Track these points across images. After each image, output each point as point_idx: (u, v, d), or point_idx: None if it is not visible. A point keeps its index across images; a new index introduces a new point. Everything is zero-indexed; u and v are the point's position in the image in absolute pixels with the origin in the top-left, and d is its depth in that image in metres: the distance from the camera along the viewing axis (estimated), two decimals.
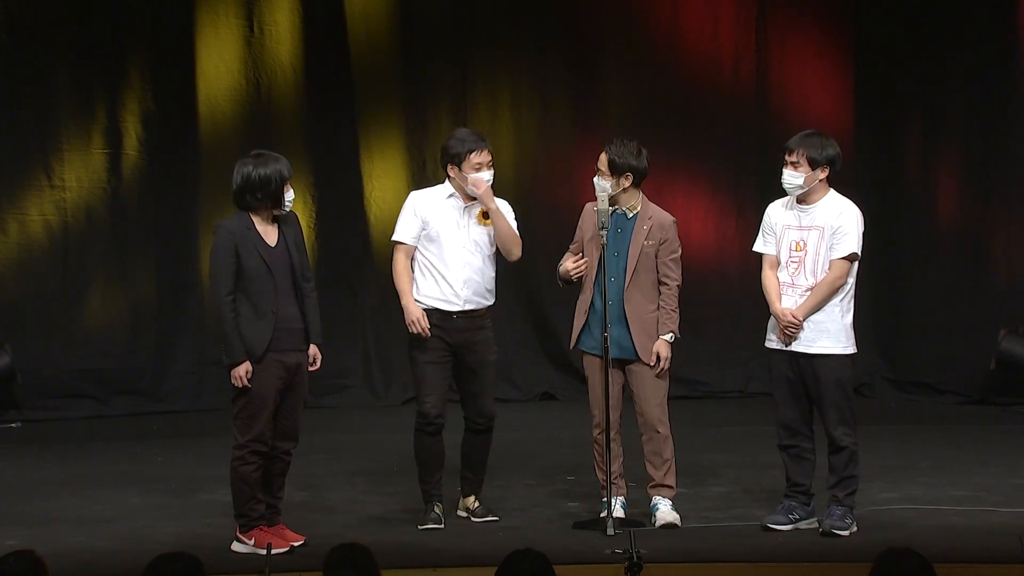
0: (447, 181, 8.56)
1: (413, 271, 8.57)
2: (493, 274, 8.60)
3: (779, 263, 8.34)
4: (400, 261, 8.56)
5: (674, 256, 8.53)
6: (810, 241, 8.24)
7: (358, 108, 13.06)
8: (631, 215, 8.51)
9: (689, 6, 13.31)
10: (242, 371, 7.85)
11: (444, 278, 8.47)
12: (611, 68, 13.30)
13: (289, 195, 7.99)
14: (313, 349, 8.06)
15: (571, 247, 8.66)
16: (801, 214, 8.28)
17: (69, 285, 12.59)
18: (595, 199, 8.46)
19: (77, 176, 12.53)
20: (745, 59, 13.31)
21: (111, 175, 12.61)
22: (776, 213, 8.39)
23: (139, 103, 12.62)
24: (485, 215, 8.51)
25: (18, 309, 12.49)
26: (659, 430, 8.49)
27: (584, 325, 8.51)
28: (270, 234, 7.98)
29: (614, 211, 8.49)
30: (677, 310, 8.51)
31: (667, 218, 8.58)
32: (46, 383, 12.39)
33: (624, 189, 8.47)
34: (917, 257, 13.12)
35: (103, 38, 12.58)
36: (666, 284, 8.50)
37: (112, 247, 12.67)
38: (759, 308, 8.56)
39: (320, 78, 12.98)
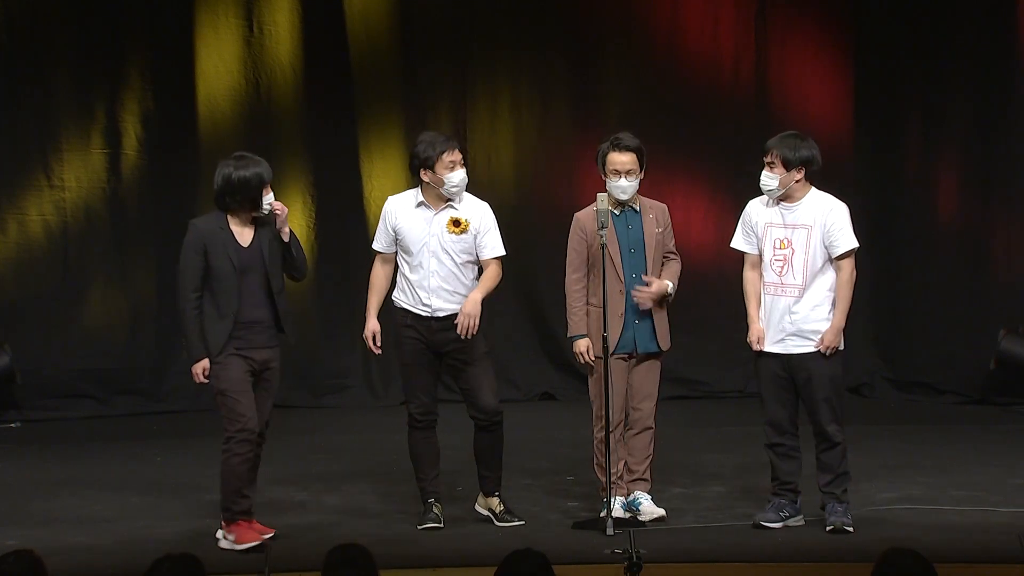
0: (418, 188, 8.54)
1: (395, 274, 8.63)
2: (468, 280, 8.52)
3: (761, 262, 8.33)
4: (375, 270, 8.68)
5: (673, 239, 8.72)
6: (796, 240, 8.23)
7: (358, 108, 13.05)
8: (637, 208, 8.56)
9: (689, 6, 13.31)
10: (199, 368, 8.02)
11: (413, 286, 8.50)
12: (611, 68, 13.30)
13: (267, 198, 8.04)
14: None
15: (574, 274, 8.58)
16: (785, 212, 8.27)
17: (69, 285, 12.59)
18: (589, 204, 8.51)
19: (77, 176, 12.54)
20: (745, 59, 13.30)
21: (111, 175, 12.61)
22: (757, 211, 8.37)
23: (139, 103, 12.62)
24: (455, 223, 8.49)
25: (18, 309, 12.49)
26: (651, 426, 8.61)
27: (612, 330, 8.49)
28: (245, 235, 8.08)
29: (624, 209, 8.51)
30: (679, 277, 8.65)
31: (661, 205, 8.72)
32: (46, 383, 12.39)
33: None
34: (917, 257, 13.11)
35: (103, 38, 12.58)
36: (672, 259, 8.68)
37: (112, 247, 12.67)
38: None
39: (320, 78, 12.98)
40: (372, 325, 8.61)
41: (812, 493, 8.44)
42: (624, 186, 8.48)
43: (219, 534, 8.09)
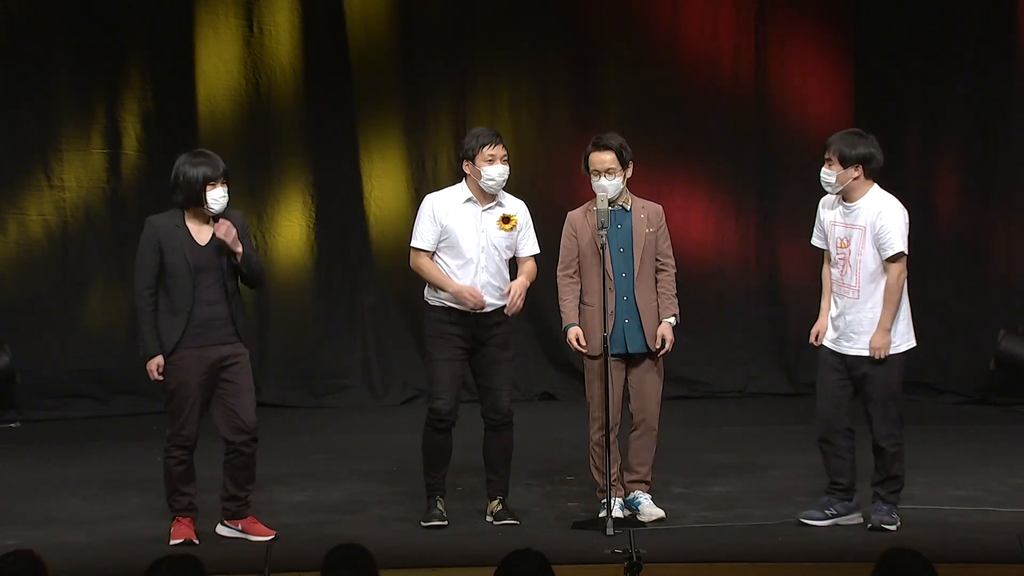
0: (463, 182, 8.55)
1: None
2: (507, 275, 8.58)
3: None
4: (424, 262, 8.48)
5: (668, 242, 8.65)
6: (853, 239, 8.25)
7: (358, 108, 13.05)
8: (628, 207, 8.54)
9: (689, 6, 13.31)
10: (153, 365, 8.05)
11: (460, 284, 8.43)
12: (611, 68, 13.30)
13: (213, 195, 8.01)
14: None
15: (565, 270, 8.61)
16: (845, 212, 8.29)
17: (69, 285, 12.59)
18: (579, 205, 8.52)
19: (76, 176, 12.53)
20: (744, 59, 13.30)
21: (110, 175, 12.61)
22: (825, 210, 8.41)
23: (139, 103, 12.62)
24: (505, 219, 8.51)
25: (18, 309, 12.48)
26: (654, 427, 8.59)
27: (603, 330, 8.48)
28: (202, 233, 8.08)
29: (614, 208, 8.51)
30: (676, 295, 8.59)
31: (656, 206, 8.68)
32: (46, 383, 12.39)
33: (626, 180, 8.52)
34: (917, 257, 13.04)
35: (103, 38, 12.58)
36: (665, 270, 8.60)
37: (112, 247, 12.67)
38: (759, 308, 8.58)
39: (320, 78, 12.98)
40: (462, 285, 8.40)
41: (809, 494, 8.44)
42: (604, 185, 8.47)
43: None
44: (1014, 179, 12.76)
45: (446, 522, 8.45)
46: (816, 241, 8.49)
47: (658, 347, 8.52)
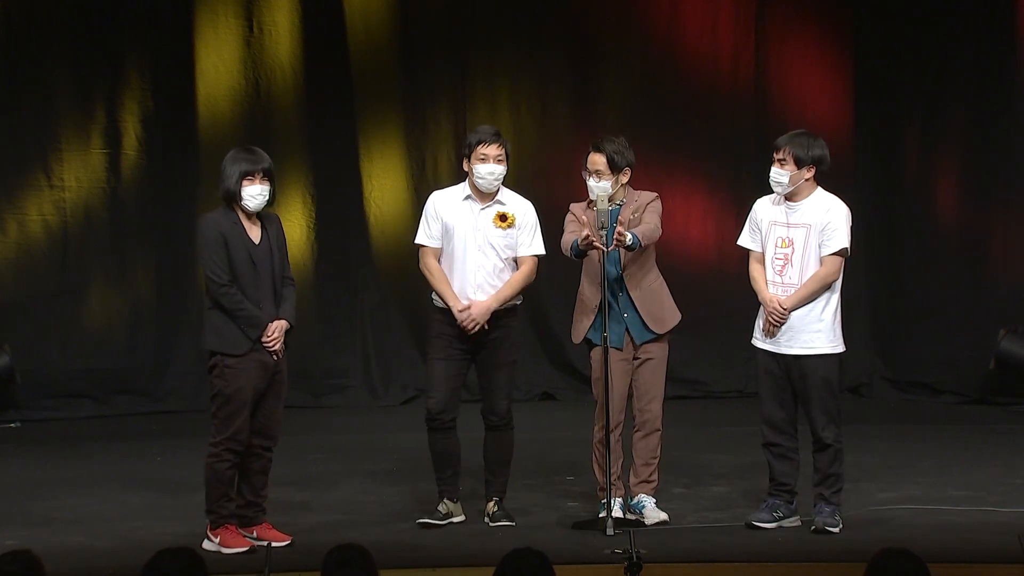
0: (466, 180, 8.56)
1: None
2: (510, 276, 8.49)
3: (764, 259, 8.35)
4: (431, 263, 8.47)
5: (655, 216, 8.45)
6: (797, 239, 8.26)
7: (358, 108, 13.06)
8: (620, 202, 8.50)
9: (688, 5, 13.31)
10: (272, 328, 7.83)
11: (456, 281, 8.42)
12: (610, 68, 13.31)
13: (250, 191, 7.85)
14: (277, 323, 7.93)
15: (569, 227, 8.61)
16: (788, 211, 8.29)
17: (68, 285, 12.59)
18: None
19: (76, 176, 12.54)
20: (744, 58, 13.31)
21: (110, 175, 12.61)
22: (763, 209, 8.40)
23: (138, 103, 12.63)
24: (502, 218, 8.49)
25: (17, 309, 12.49)
26: (659, 428, 8.58)
27: (592, 322, 8.47)
28: (254, 231, 7.95)
29: (611, 207, 8.49)
30: (654, 228, 8.41)
31: (649, 193, 8.57)
32: (45, 383, 12.39)
33: (622, 185, 8.49)
34: (917, 257, 13.11)
35: (103, 38, 12.59)
36: (647, 222, 8.44)
37: (111, 247, 12.67)
38: (758, 308, 8.56)
39: (320, 78, 12.98)
40: (460, 305, 8.34)
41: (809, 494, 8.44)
42: (593, 186, 8.46)
43: (205, 543, 7.93)
44: (1014, 179, 12.78)
45: (442, 523, 8.43)
46: (748, 242, 8.44)
47: (622, 240, 8.27)
